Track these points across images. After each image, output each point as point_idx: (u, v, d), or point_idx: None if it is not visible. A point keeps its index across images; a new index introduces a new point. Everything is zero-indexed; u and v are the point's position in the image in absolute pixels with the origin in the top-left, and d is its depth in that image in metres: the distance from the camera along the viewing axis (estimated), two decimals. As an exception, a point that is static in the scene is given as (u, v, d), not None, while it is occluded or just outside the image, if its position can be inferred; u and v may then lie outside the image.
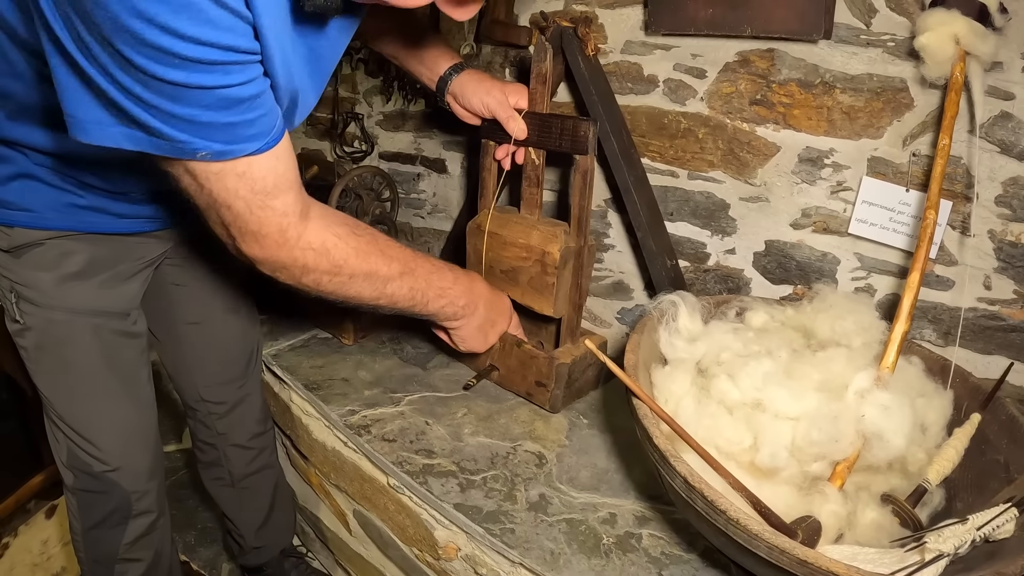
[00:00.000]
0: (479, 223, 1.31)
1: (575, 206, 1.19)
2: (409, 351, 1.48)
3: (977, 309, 1.15)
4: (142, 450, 1.16)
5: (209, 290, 1.29)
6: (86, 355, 1.06)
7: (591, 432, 1.23)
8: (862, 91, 1.17)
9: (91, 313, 1.05)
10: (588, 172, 1.15)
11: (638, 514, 1.04)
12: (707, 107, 1.33)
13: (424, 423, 1.23)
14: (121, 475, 1.12)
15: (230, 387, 1.35)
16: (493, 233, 1.28)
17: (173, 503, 1.79)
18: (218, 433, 1.38)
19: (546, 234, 1.20)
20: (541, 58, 1.20)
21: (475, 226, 1.32)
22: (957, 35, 1.01)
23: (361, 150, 2.01)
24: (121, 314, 1.10)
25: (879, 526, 0.89)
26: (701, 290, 1.42)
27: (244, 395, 1.37)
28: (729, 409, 0.94)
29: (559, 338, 1.29)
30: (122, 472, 1.12)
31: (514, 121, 1.20)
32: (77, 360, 1.06)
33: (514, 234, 1.24)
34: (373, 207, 1.51)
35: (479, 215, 1.33)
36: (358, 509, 1.34)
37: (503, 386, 1.33)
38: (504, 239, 1.26)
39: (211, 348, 1.32)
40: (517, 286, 1.27)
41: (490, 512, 1.02)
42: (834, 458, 0.89)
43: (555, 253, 1.17)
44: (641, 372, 0.95)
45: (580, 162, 1.16)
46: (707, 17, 1.22)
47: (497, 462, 1.13)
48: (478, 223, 1.31)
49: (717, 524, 0.75)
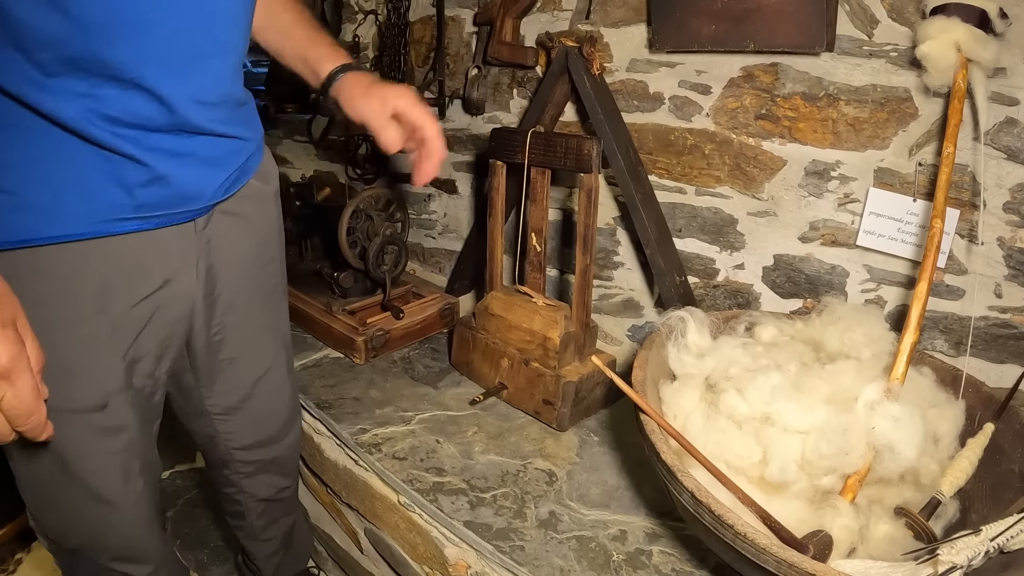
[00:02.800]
0: (487, 306, 1.37)
1: (580, 224, 1.20)
2: (420, 370, 1.49)
3: (988, 318, 1.14)
4: (125, 539, 0.97)
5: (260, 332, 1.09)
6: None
7: (602, 449, 1.22)
8: (866, 102, 1.17)
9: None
10: (593, 190, 1.16)
11: (648, 531, 1.03)
12: (713, 123, 1.33)
13: (435, 441, 1.23)
14: (100, 556, 0.96)
15: (265, 449, 1.18)
16: (499, 316, 1.34)
17: (186, 522, 1.82)
18: (243, 491, 1.23)
19: (547, 320, 1.26)
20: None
21: (483, 308, 1.38)
22: (958, 42, 1.01)
23: (373, 172, 2.03)
24: (91, 409, 0.83)
25: (892, 539, 0.87)
26: (711, 306, 1.42)
27: (277, 455, 1.21)
28: (738, 424, 0.93)
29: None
30: (101, 554, 0.96)
31: (385, 133, 0.97)
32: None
33: (519, 318, 1.30)
34: (384, 228, 1.52)
35: (486, 298, 1.38)
36: (369, 527, 1.34)
37: (512, 404, 1.34)
38: (509, 322, 1.32)
39: (255, 412, 1.14)
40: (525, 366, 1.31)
41: (500, 529, 1.02)
42: (845, 471, 0.88)
43: (556, 339, 1.23)
44: (649, 388, 0.95)
45: (585, 180, 1.17)
46: (710, 33, 1.23)
47: (507, 480, 1.13)
48: (486, 305, 1.37)
49: (725, 539, 0.74)
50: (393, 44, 1.84)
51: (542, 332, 1.25)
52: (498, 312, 1.34)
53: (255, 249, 1.03)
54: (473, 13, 1.65)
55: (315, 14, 2.08)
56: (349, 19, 2.02)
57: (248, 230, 1.00)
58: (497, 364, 1.34)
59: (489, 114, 1.72)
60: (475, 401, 1.31)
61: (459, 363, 1.47)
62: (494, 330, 1.36)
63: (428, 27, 1.80)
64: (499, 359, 1.33)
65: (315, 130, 2.22)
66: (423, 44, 1.83)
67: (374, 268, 1.53)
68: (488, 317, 1.36)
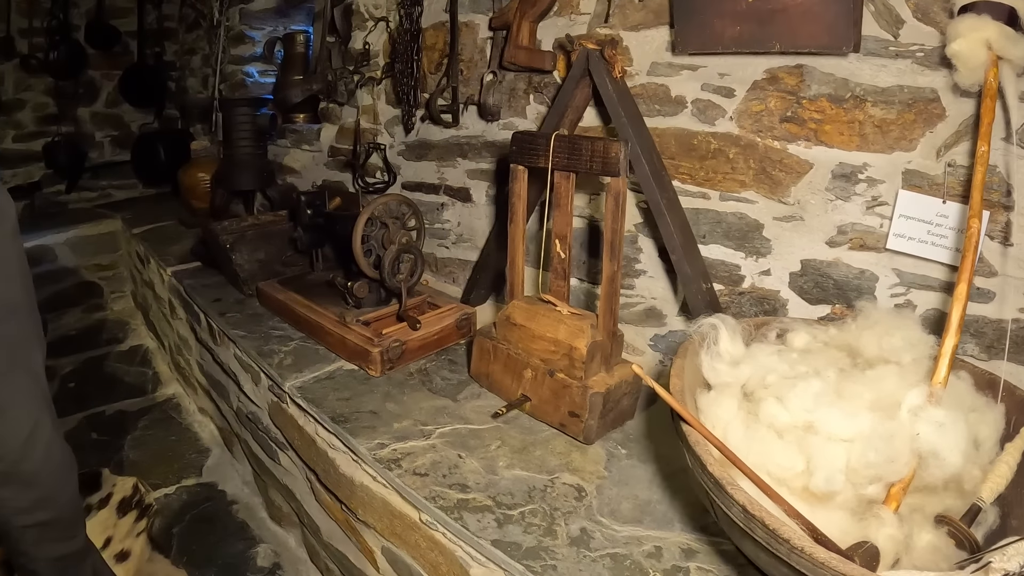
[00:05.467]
0: (509, 316, 1.33)
1: (608, 230, 1.17)
2: (438, 382, 1.45)
3: (1020, 320, 1.11)
4: None
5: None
6: None
7: (630, 463, 1.18)
8: (893, 103, 1.14)
9: None
10: (621, 194, 1.14)
11: (684, 546, 0.99)
12: (737, 126, 1.31)
13: (457, 456, 1.19)
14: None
15: (45, 510, 1.14)
16: (521, 326, 1.31)
17: (193, 538, 1.78)
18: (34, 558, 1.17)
19: (572, 329, 1.23)
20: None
21: (504, 318, 1.34)
22: (988, 40, 0.99)
23: (383, 181, 2.01)
24: None
25: (935, 548, 0.85)
26: (736, 313, 1.38)
27: (58, 514, 1.17)
28: (779, 433, 0.90)
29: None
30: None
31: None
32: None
33: (542, 328, 1.27)
34: (399, 236, 1.49)
35: (507, 307, 1.34)
36: (387, 546, 1.29)
37: (535, 417, 1.30)
38: (533, 332, 1.28)
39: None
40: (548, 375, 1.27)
41: (530, 548, 0.98)
42: (889, 479, 0.86)
43: (582, 349, 1.19)
44: (688, 398, 0.91)
45: (612, 184, 1.14)
46: (735, 35, 1.21)
47: (535, 495, 1.09)
48: (507, 315, 1.33)
49: (778, 554, 0.71)
50: (405, 51, 1.82)
51: (568, 342, 1.22)
52: (520, 322, 1.30)
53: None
54: (487, 19, 1.63)
55: (325, 21, 2.08)
56: (359, 26, 2.00)
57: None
58: (520, 375, 1.30)
59: (504, 120, 1.70)
60: (498, 414, 1.28)
61: (479, 375, 1.43)
62: (516, 340, 1.32)
63: (441, 33, 1.78)
64: (522, 370, 1.30)
65: (324, 140, 2.20)
66: (436, 50, 1.81)
67: (390, 277, 1.49)
68: (510, 327, 1.33)
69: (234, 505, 1.93)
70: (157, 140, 3.43)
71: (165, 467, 2.08)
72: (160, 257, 2.41)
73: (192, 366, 2.29)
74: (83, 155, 3.56)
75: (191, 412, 2.41)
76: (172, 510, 1.89)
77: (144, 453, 2.16)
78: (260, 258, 1.96)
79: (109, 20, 3.55)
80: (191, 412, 2.41)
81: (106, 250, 3.01)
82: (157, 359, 2.76)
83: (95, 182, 3.63)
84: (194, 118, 3.49)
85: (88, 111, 3.68)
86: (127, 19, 3.61)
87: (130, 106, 3.75)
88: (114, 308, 3.05)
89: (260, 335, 1.69)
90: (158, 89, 3.73)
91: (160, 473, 2.05)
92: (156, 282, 2.51)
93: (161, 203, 3.27)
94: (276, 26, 2.94)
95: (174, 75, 3.73)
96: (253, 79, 3.01)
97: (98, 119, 3.72)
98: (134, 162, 3.52)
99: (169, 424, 2.34)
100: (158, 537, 1.79)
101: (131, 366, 2.72)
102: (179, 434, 2.27)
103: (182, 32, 3.58)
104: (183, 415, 2.39)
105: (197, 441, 2.23)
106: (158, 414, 2.40)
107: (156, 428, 2.31)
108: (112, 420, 2.34)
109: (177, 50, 3.68)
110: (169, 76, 3.74)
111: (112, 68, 3.65)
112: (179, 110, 3.71)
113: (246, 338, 1.68)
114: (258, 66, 3.01)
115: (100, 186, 3.65)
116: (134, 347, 2.85)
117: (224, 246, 1.91)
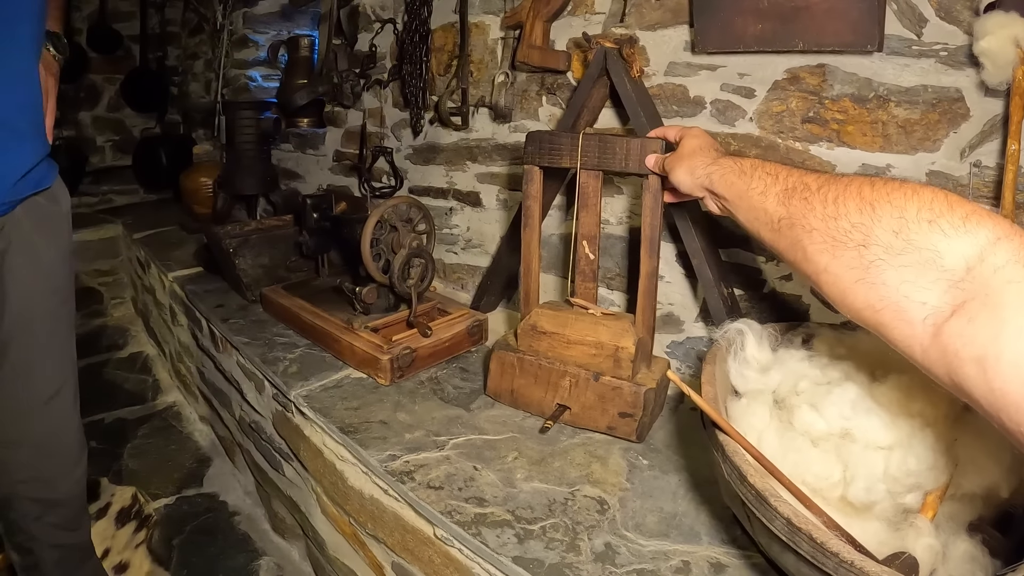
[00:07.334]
0: (534, 324, 1.28)
1: (646, 226, 1.15)
2: (450, 391, 1.41)
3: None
4: None
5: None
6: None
7: (652, 473, 1.14)
8: (917, 103, 1.12)
9: None
10: (659, 192, 1.12)
11: (713, 560, 0.95)
12: (757, 127, 1.28)
13: (472, 468, 1.15)
14: None
15: (50, 487, 1.20)
16: (552, 333, 1.26)
17: (193, 550, 1.73)
18: (34, 537, 1.21)
19: (614, 329, 1.19)
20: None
21: (529, 328, 1.28)
22: (1017, 37, 0.97)
23: (390, 185, 1.98)
24: None
25: (972, 557, 0.81)
26: (758, 319, 1.35)
27: (63, 494, 1.22)
28: (814, 441, 0.86)
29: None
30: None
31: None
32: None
33: (579, 332, 1.23)
34: (409, 239, 1.46)
35: (531, 316, 1.29)
36: (397, 561, 1.25)
37: (577, 425, 1.26)
38: (567, 338, 1.24)
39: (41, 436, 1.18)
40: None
41: (553, 565, 0.93)
42: (927, 487, 0.83)
43: (630, 347, 1.17)
44: (720, 406, 0.88)
45: (651, 182, 1.13)
46: (756, 33, 1.18)
47: (555, 509, 1.05)
48: (532, 324, 1.28)
49: (825, 568, 0.67)
50: (413, 52, 1.79)
51: (612, 342, 1.18)
52: (551, 329, 1.25)
53: (46, 269, 1.11)
54: (498, 19, 1.60)
55: (331, 23, 2.05)
56: (365, 28, 1.97)
57: (43, 247, 1.09)
58: (555, 386, 1.25)
59: (516, 122, 1.66)
60: (545, 428, 1.23)
61: (499, 392, 1.35)
62: (546, 350, 1.26)
63: (450, 34, 1.76)
64: (558, 380, 1.24)
65: (329, 144, 2.17)
66: (445, 52, 1.78)
67: (399, 282, 1.45)
68: (537, 336, 1.27)
69: (236, 516, 1.88)
70: (159, 145, 3.39)
71: (165, 477, 2.03)
72: (161, 262, 2.37)
73: (193, 373, 2.25)
74: (84, 159, 3.52)
75: (192, 420, 2.36)
76: (172, 521, 1.84)
77: (143, 462, 2.11)
78: (264, 263, 1.92)
79: (111, 24, 3.52)
80: (192, 420, 2.36)
81: (106, 255, 2.97)
82: (157, 366, 2.72)
83: (96, 187, 3.58)
84: (196, 123, 3.46)
85: (89, 115, 3.63)
86: (129, 23, 3.57)
87: (132, 110, 3.71)
88: (114, 314, 3.01)
89: (264, 342, 1.65)
90: (160, 93, 3.70)
91: (160, 483, 2.00)
92: (157, 288, 2.47)
93: (162, 208, 3.24)
94: (280, 30, 2.92)
95: (176, 79, 3.70)
96: (256, 83, 2.98)
97: (99, 123, 3.68)
98: (135, 167, 3.48)
99: (169, 433, 2.29)
100: (158, 549, 1.74)
101: (131, 373, 2.67)
102: (179, 443, 2.22)
103: (185, 36, 3.56)
104: (184, 423, 2.35)
105: (198, 450, 2.19)
106: (158, 422, 2.35)
107: (156, 436, 2.26)
108: (111, 428, 2.29)
109: (180, 54, 3.65)
110: (171, 80, 3.71)
111: (114, 72, 3.62)
112: (181, 115, 3.68)
113: (249, 345, 1.63)
114: (262, 70, 2.99)
115: (101, 191, 3.60)
116: (134, 354, 2.81)
117: (227, 251, 1.87)
